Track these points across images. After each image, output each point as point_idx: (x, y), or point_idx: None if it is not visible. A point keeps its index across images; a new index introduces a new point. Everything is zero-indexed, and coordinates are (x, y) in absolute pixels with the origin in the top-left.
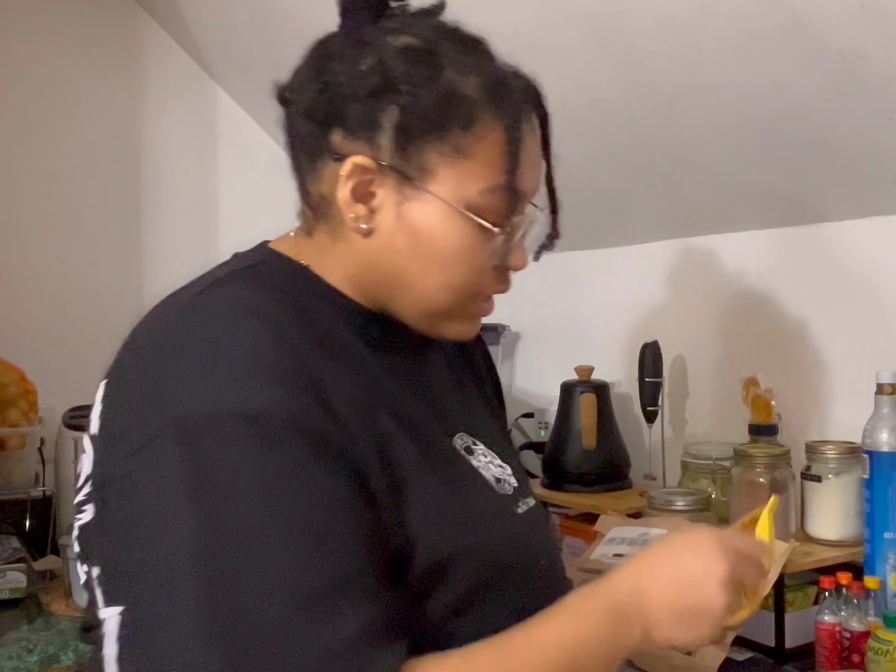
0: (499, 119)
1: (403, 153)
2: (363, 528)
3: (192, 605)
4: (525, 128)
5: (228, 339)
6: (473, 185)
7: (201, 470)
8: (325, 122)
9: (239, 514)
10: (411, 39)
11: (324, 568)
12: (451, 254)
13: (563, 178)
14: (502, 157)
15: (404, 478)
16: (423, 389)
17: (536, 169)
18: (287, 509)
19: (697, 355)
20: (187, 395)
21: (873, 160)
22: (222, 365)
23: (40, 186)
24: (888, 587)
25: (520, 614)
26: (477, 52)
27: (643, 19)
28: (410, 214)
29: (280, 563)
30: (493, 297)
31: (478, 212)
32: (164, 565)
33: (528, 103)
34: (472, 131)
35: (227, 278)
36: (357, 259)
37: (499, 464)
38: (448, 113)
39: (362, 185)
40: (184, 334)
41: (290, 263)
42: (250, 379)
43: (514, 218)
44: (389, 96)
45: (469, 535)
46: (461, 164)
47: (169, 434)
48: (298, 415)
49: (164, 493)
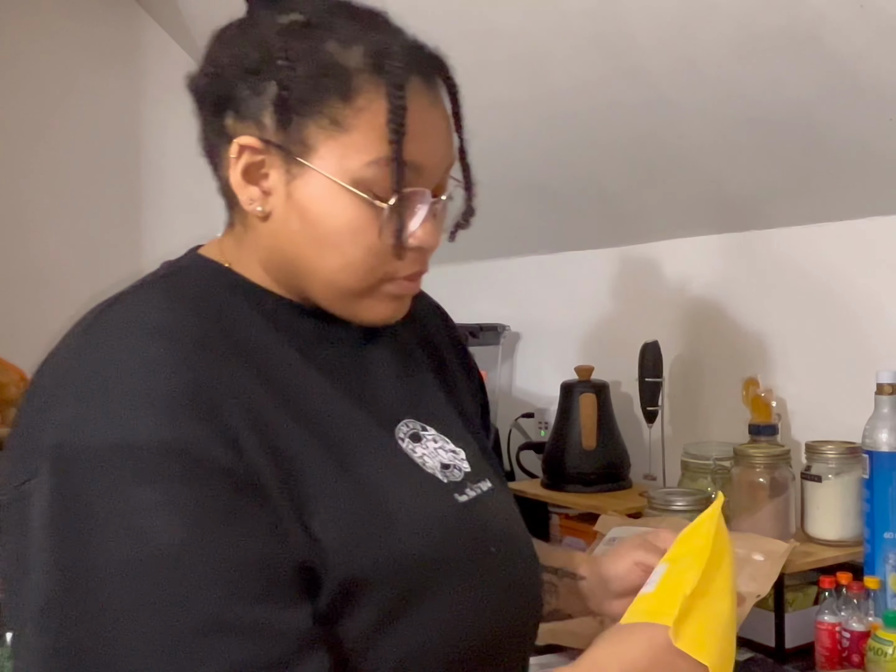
0: (381, 88)
1: (286, 129)
2: (249, 554)
3: (36, 657)
4: (413, 96)
5: (117, 365)
6: (357, 159)
7: (67, 504)
8: (218, 107)
9: (99, 552)
10: (299, 16)
11: (192, 609)
12: (341, 232)
13: (564, 179)
14: (386, 128)
15: (311, 490)
16: (360, 382)
17: (435, 140)
18: (151, 546)
19: (697, 355)
20: (67, 425)
21: (873, 160)
22: (106, 394)
23: (40, 186)
24: (888, 587)
25: (469, 607)
26: (369, 23)
27: (643, 20)
28: (298, 193)
29: (140, 607)
30: (419, 277)
31: (365, 186)
32: (23, 607)
33: (420, 72)
34: (353, 103)
35: (135, 291)
36: (263, 246)
37: (450, 448)
38: (325, 85)
39: (254, 167)
40: (75, 359)
41: (212, 267)
42: (132, 408)
43: (404, 191)
44: (268, 72)
45: (389, 539)
46: (343, 136)
47: (45, 466)
48: (178, 443)
49: (32, 527)
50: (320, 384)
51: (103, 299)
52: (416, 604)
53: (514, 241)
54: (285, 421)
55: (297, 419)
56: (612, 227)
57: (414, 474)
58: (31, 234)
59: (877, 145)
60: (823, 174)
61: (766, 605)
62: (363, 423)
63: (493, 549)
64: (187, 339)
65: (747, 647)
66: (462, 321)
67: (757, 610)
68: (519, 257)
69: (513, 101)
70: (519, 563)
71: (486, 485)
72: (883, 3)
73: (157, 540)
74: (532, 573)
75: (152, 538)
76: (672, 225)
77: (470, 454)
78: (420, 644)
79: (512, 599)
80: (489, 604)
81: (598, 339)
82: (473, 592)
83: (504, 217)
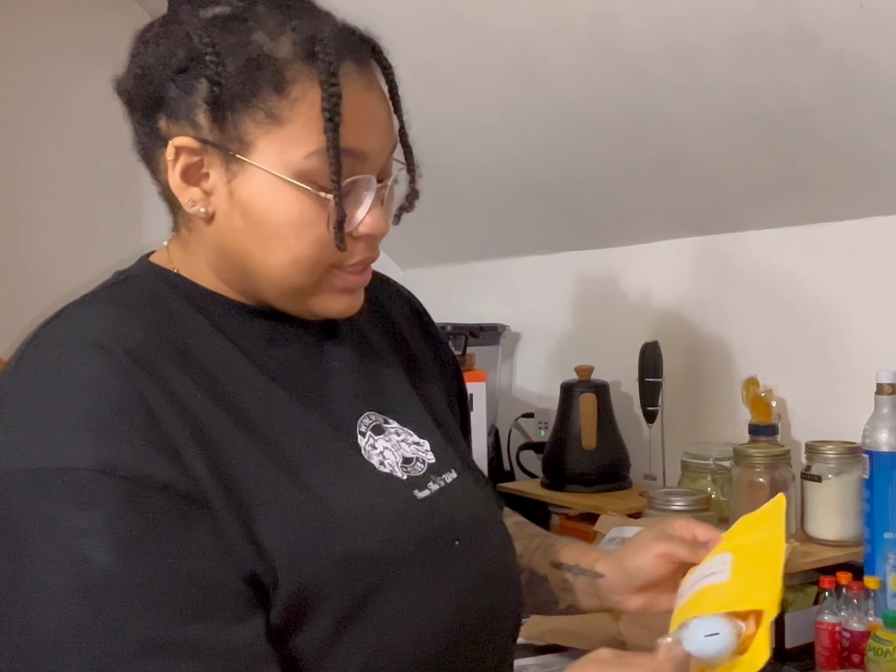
0: (314, 77)
1: (221, 127)
2: (188, 572)
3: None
4: (347, 82)
5: (50, 385)
6: (297, 151)
7: (6, 528)
8: (148, 109)
9: (35, 577)
10: (222, 9)
11: (130, 632)
12: (286, 226)
13: (564, 179)
14: (322, 117)
15: (256, 498)
16: (314, 382)
17: (375, 124)
18: (86, 570)
19: (697, 355)
20: (7, 447)
21: (873, 160)
22: (39, 416)
23: (40, 187)
24: (888, 587)
25: (434, 602)
26: (295, 10)
27: (644, 20)
28: (240, 191)
29: (77, 632)
30: (367, 268)
31: (308, 178)
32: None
33: (353, 57)
34: (287, 94)
35: (76, 305)
36: (209, 248)
37: (413, 441)
38: (257, 78)
39: (192, 168)
40: (10, 381)
41: (160, 273)
42: (65, 430)
43: (346, 180)
44: (197, 70)
45: (336, 543)
46: (280, 130)
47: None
48: (113, 462)
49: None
50: (268, 389)
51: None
52: (375, 604)
53: (514, 241)
54: (229, 428)
55: (241, 426)
56: (612, 227)
57: (367, 475)
58: (30, 234)
59: (877, 145)
60: (823, 174)
61: None
62: (313, 426)
63: (458, 541)
64: (122, 351)
65: None
66: (462, 321)
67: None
68: (519, 257)
69: (513, 101)
70: (488, 553)
71: (451, 475)
72: (883, 3)
73: (92, 563)
74: (504, 562)
75: (87, 562)
76: (672, 225)
77: (435, 445)
78: (385, 643)
79: (482, 590)
80: (458, 597)
81: (598, 339)
82: (438, 587)
83: (504, 217)
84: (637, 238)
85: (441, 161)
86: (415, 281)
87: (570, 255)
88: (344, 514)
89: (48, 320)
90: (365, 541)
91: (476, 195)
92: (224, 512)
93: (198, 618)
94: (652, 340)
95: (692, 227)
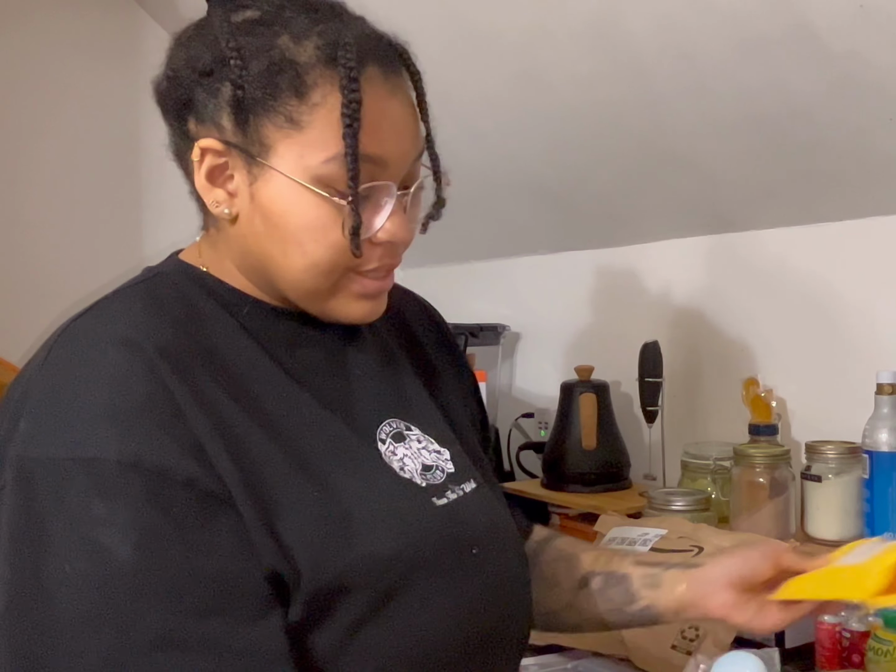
0: (335, 82)
1: (244, 130)
2: (207, 568)
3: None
4: (370, 87)
5: (79, 377)
6: (316, 156)
7: (26, 516)
8: (180, 111)
9: (55, 566)
10: (253, 13)
11: (145, 624)
12: (303, 231)
13: (564, 179)
14: (341, 122)
15: (278, 497)
16: (336, 385)
17: (397, 131)
18: (106, 560)
19: (697, 355)
20: (33, 436)
21: (873, 160)
22: (67, 407)
23: (40, 186)
24: None
25: (449, 609)
26: (324, 15)
27: (644, 20)
28: (260, 194)
29: (94, 622)
30: (388, 275)
31: (325, 183)
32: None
33: (377, 62)
34: (307, 99)
35: (108, 300)
36: (234, 248)
37: (434, 449)
38: (278, 82)
39: (218, 170)
40: (40, 372)
41: (189, 271)
42: (92, 421)
43: (365, 186)
44: (222, 73)
45: (356, 544)
46: (300, 134)
47: (10, 477)
48: (138, 455)
49: (1, 536)
50: (291, 391)
51: (83, 307)
52: (392, 606)
53: (514, 241)
54: (252, 428)
55: (264, 426)
56: (612, 226)
57: (387, 479)
58: (31, 233)
59: (877, 145)
60: (824, 174)
61: None
62: (335, 428)
63: (475, 550)
64: (152, 347)
65: (747, 646)
66: (462, 321)
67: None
68: (519, 257)
69: (513, 101)
70: (504, 563)
71: (470, 486)
72: (883, 3)
73: (112, 554)
74: (518, 574)
75: (107, 552)
76: (672, 225)
77: (455, 455)
78: (400, 645)
79: (497, 599)
80: (472, 604)
81: (598, 339)
82: (454, 592)
83: (504, 217)
84: (637, 238)
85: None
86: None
87: (570, 255)
88: (363, 516)
89: (79, 314)
90: (384, 543)
91: (476, 195)
92: (247, 509)
93: (215, 614)
94: (652, 340)
95: (692, 228)
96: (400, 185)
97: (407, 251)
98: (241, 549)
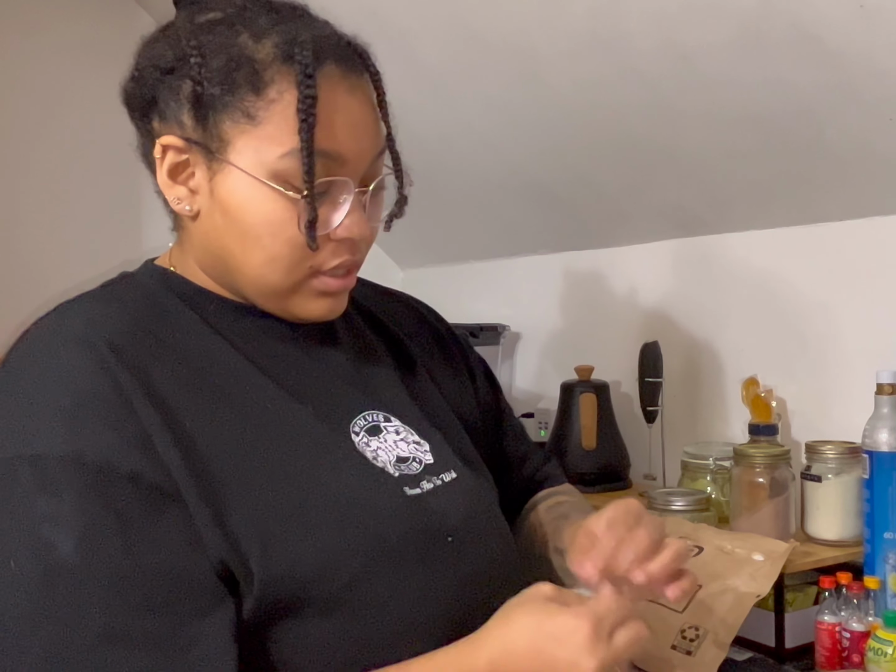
0: (291, 78)
1: (204, 126)
2: (151, 564)
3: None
4: (327, 85)
5: (33, 376)
6: (272, 151)
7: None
8: (144, 110)
9: (1, 561)
10: (216, 14)
11: (89, 620)
12: (260, 225)
13: (564, 179)
14: (297, 118)
15: (230, 489)
16: (306, 378)
17: (355, 128)
18: (49, 557)
19: (697, 355)
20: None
21: (873, 160)
22: (16, 405)
23: (40, 186)
24: (888, 587)
25: (421, 596)
26: (285, 15)
27: (642, 19)
28: (219, 189)
29: (37, 618)
30: (350, 272)
31: (282, 178)
32: None
33: (336, 60)
34: (264, 95)
35: (72, 300)
36: (196, 246)
37: (413, 440)
38: (236, 79)
39: (179, 167)
40: (3, 371)
41: (157, 272)
42: (38, 419)
43: (321, 181)
44: (182, 71)
45: (313, 535)
46: (256, 130)
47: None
48: (81, 451)
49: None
50: (257, 382)
51: None
52: (356, 596)
53: (513, 241)
54: (210, 420)
55: (224, 418)
56: (612, 227)
57: (355, 470)
58: (30, 234)
59: (877, 145)
60: (823, 174)
61: (766, 605)
62: (302, 419)
63: (451, 538)
64: (104, 343)
65: (747, 646)
66: (462, 321)
67: (757, 610)
68: (519, 257)
69: (513, 101)
70: (484, 552)
71: (449, 475)
72: (883, 3)
73: (56, 550)
74: (502, 561)
75: (51, 548)
76: (673, 225)
77: (435, 446)
78: (370, 635)
79: (476, 586)
80: (448, 591)
81: (598, 339)
82: (426, 581)
83: (504, 217)
84: (637, 238)
85: (441, 161)
86: (415, 281)
87: (570, 255)
88: (324, 505)
89: (42, 316)
90: (343, 533)
91: (476, 195)
92: (196, 502)
93: (159, 609)
94: (652, 340)
95: (692, 228)
96: (360, 182)
97: (407, 251)
98: (188, 544)
